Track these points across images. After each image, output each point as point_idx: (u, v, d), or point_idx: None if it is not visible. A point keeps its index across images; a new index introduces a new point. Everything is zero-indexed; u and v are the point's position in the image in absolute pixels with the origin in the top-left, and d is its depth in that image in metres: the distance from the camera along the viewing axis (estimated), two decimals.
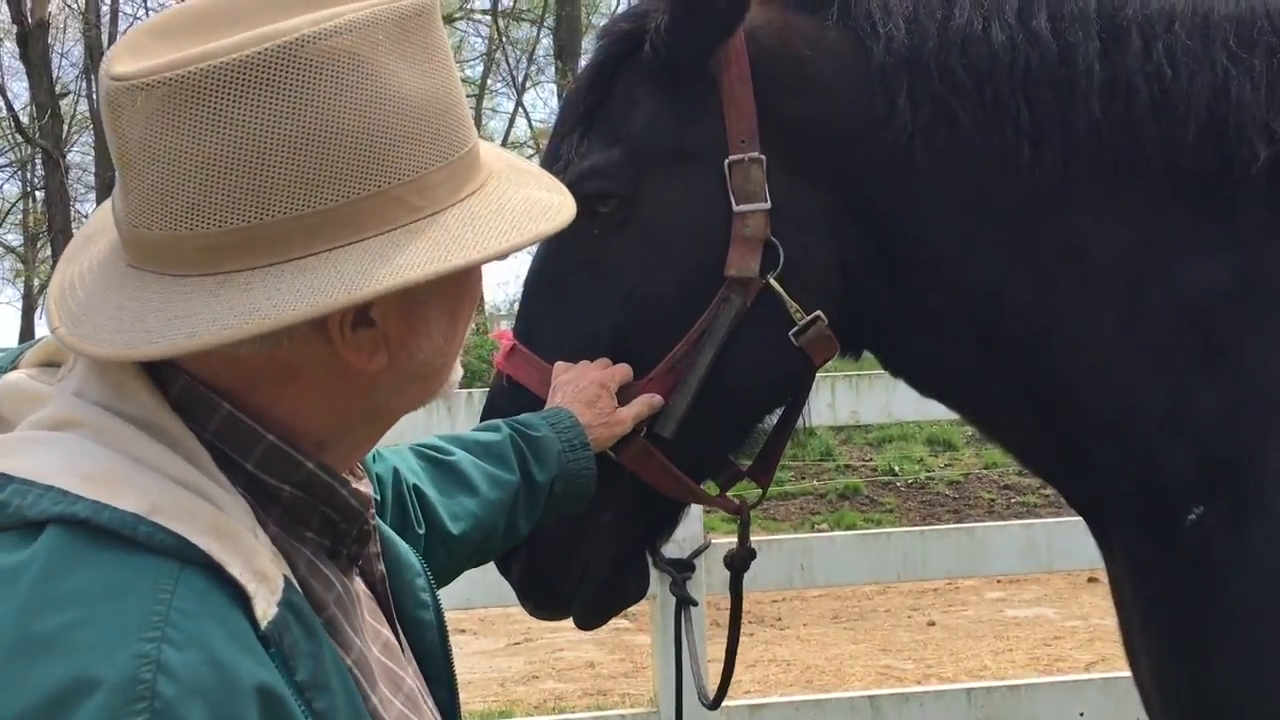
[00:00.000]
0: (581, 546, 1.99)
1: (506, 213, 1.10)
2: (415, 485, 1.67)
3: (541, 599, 2.08)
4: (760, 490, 2.16)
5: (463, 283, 1.13)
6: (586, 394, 1.87)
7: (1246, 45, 1.77)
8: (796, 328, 1.89)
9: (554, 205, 1.15)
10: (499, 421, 1.86)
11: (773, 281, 1.88)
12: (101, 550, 0.92)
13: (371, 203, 1.01)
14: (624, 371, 1.90)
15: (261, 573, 0.98)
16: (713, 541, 3.46)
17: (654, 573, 2.23)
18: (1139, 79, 1.76)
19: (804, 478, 11.71)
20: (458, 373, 1.22)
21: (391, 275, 0.99)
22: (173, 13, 1.04)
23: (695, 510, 3.30)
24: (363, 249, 1.00)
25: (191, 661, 0.89)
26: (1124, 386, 1.82)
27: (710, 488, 2.12)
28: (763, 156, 1.88)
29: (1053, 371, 1.87)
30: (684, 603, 2.35)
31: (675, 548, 3.42)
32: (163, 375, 1.04)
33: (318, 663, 1.01)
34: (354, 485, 1.15)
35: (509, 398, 1.98)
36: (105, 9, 25.44)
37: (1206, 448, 1.76)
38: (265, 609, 0.97)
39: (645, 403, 1.89)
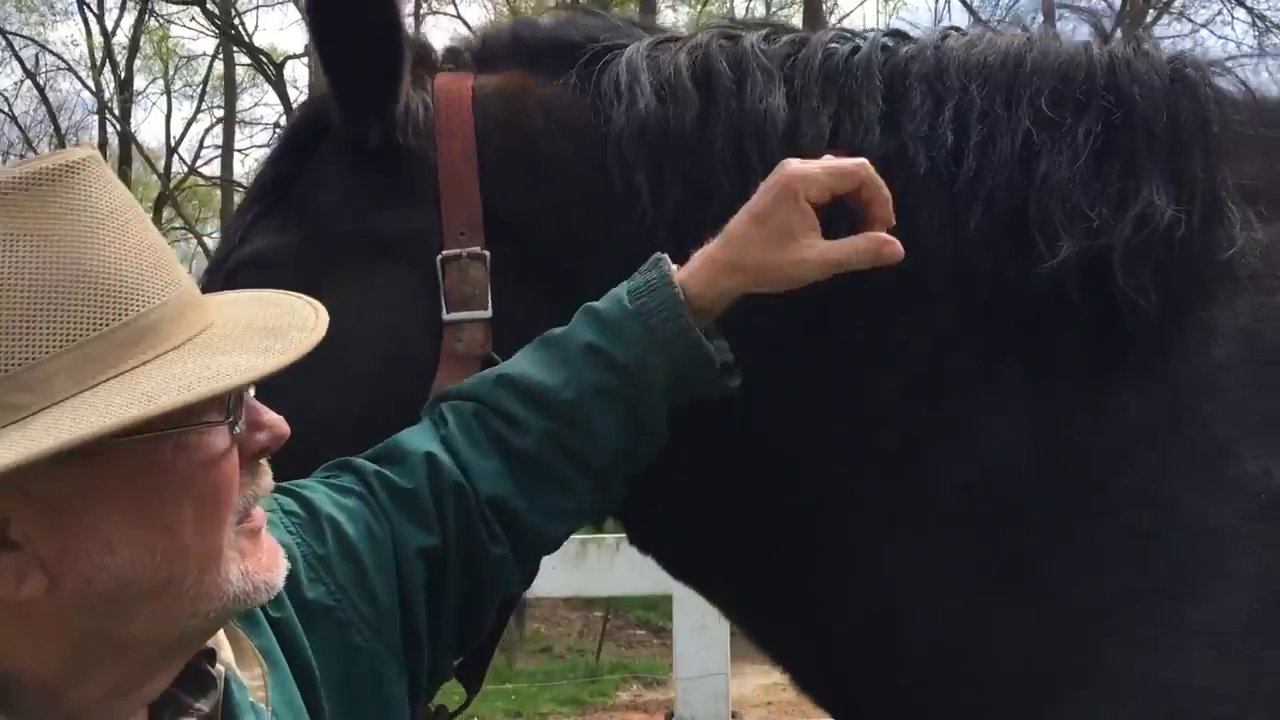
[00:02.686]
0: None
1: (137, 391, 0.94)
2: (492, 497, 1.39)
3: None
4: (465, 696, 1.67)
5: (143, 478, 0.97)
6: (768, 206, 1.37)
7: (1065, 106, 1.40)
8: None
9: (223, 370, 0.98)
10: (579, 359, 1.41)
11: None
12: None
13: None
14: (852, 169, 1.36)
15: None
16: None
17: None
18: (918, 150, 1.40)
19: None
20: (236, 583, 1.03)
21: None
22: None
23: (719, 686, 2.99)
24: None
25: None
26: (894, 597, 1.39)
27: None
28: (486, 253, 1.51)
29: (814, 562, 1.47)
30: None
31: None
32: None
33: None
34: (186, 704, 1.06)
35: None
36: None
37: (990, 713, 1.31)
38: None
39: (872, 251, 1.34)
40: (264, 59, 24.13)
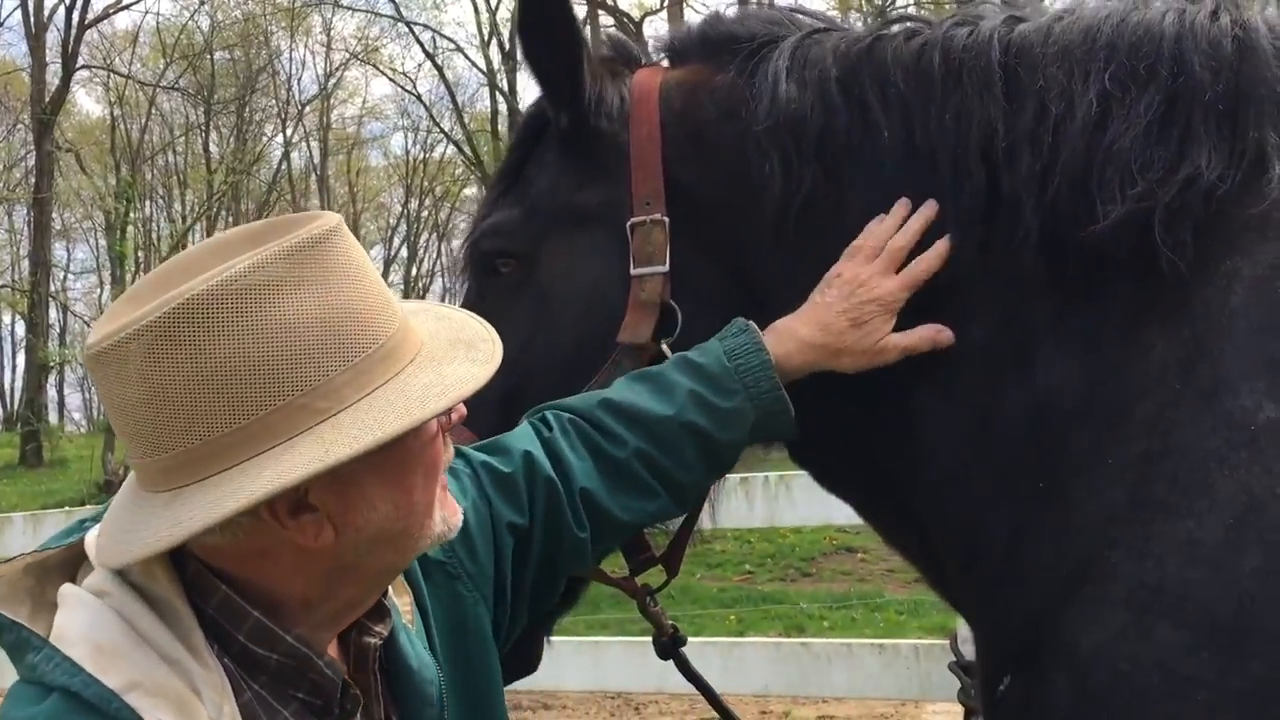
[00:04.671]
0: None
1: (400, 400, 1.27)
2: (584, 489, 1.73)
3: None
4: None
5: (400, 456, 1.31)
6: (854, 307, 1.71)
7: (1131, 78, 1.55)
8: None
9: (459, 379, 1.33)
10: (680, 393, 1.73)
11: (665, 348, 1.82)
12: (85, 717, 1.20)
13: (278, 414, 1.23)
14: (919, 272, 1.69)
15: None
16: None
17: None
18: (1021, 141, 1.59)
19: None
20: (440, 525, 1.40)
21: (270, 481, 1.20)
22: (148, 277, 1.31)
23: None
24: (268, 457, 1.22)
25: None
26: (977, 502, 1.62)
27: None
28: (665, 219, 1.83)
29: (912, 478, 1.71)
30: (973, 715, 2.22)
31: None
32: (180, 559, 1.32)
33: None
34: (369, 628, 1.43)
35: None
36: None
37: (1028, 601, 1.52)
38: None
39: (929, 335, 1.67)
40: (626, 18, 25.17)
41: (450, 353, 1.37)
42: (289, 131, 43.69)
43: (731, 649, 4.08)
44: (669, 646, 2.05)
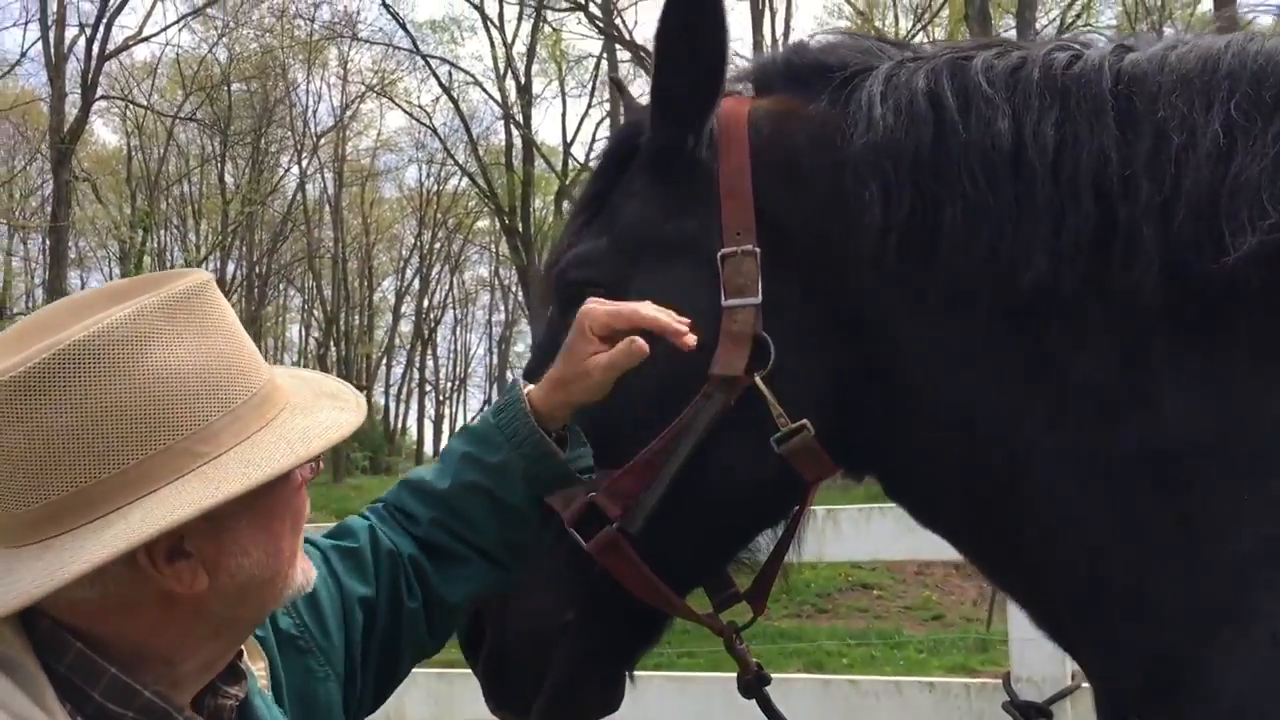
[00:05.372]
0: (545, 645, 1.88)
1: (283, 441, 1.32)
2: (412, 556, 1.83)
3: (503, 697, 1.98)
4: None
5: (269, 504, 1.34)
6: (574, 331, 1.81)
7: (1257, 108, 1.51)
8: (779, 434, 1.77)
9: (334, 424, 1.38)
10: (455, 461, 1.84)
11: (759, 381, 1.77)
12: None
13: (159, 459, 1.24)
14: (628, 312, 1.77)
15: None
16: (1083, 684, 2.98)
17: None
18: (1140, 171, 1.54)
19: None
20: (301, 576, 1.44)
21: (163, 517, 1.21)
22: (5, 334, 1.31)
23: (1055, 649, 2.99)
24: (151, 499, 1.23)
25: None
26: (1094, 544, 1.57)
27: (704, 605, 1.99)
28: (757, 250, 1.79)
29: (1021, 519, 1.66)
30: None
31: (1033, 688, 3.07)
32: (30, 618, 1.27)
33: None
34: (224, 691, 1.42)
35: None
36: None
37: (1155, 642, 1.48)
38: None
39: (624, 352, 1.74)
40: (644, 53, 25.41)
41: (316, 402, 1.42)
42: (304, 163, 44.01)
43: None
44: (754, 685, 2.01)
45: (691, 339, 1.75)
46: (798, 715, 3.97)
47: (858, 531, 3.84)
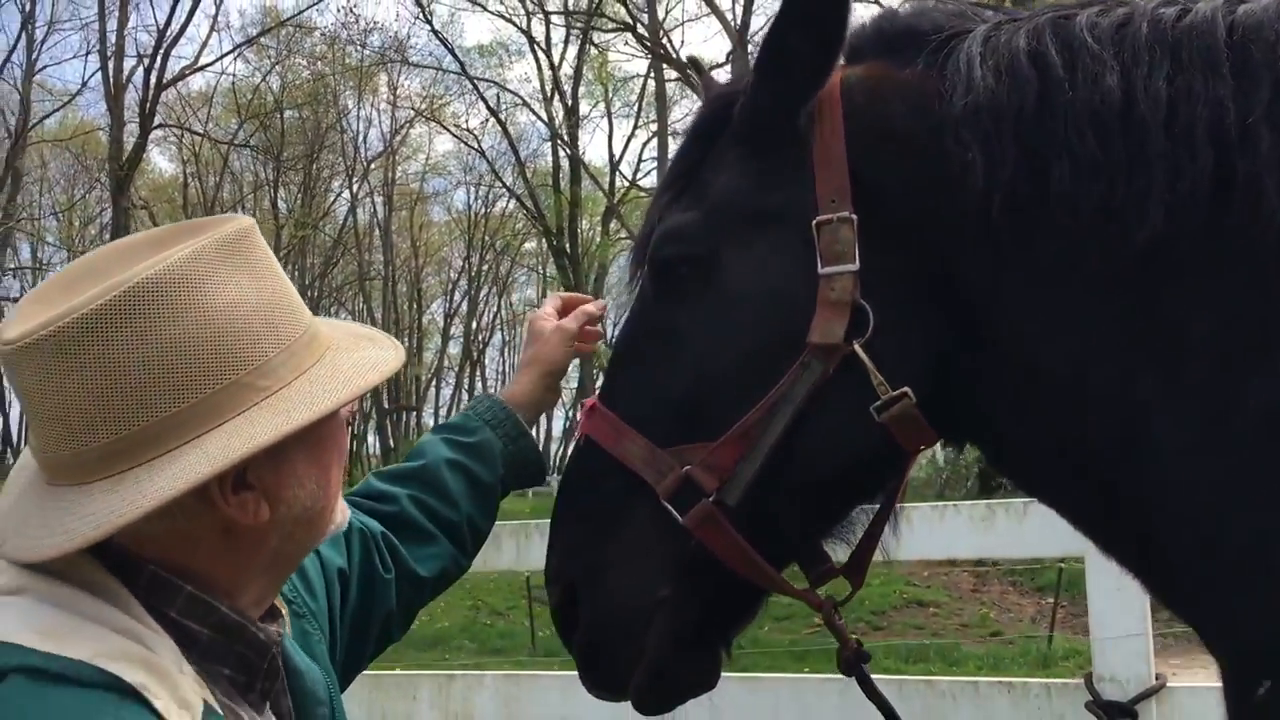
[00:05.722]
0: (640, 623, 1.83)
1: (339, 375, 1.37)
2: (384, 533, 1.94)
3: (598, 677, 1.93)
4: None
5: (320, 437, 1.40)
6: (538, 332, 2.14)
7: None
8: (879, 402, 1.73)
9: (381, 360, 1.44)
10: (433, 445, 2.03)
11: (858, 348, 1.73)
12: (57, 690, 1.17)
13: (224, 393, 1.28)
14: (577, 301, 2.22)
15: (184, 700, 1.24)
16: (1168, 683, 2.88)
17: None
18: (1260, 121, 1.49)
19: None
20: (343, 513, 1.51)
21: (242, 445, 1.26)
22: (48, 281, 1.33)
23: (1139, 647, 2.89)
24: (221, 430, 1.28)
25: None
26: (1215, 504, 1.52)
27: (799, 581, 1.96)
28: (854, 216, 1.76)
29: (1135, 481, 1.60)
30: None
31: (1116, 687, 3.01)
32: (99, 548, 1.28)
33: None
34: (266, 626, 1.44)
35: (584, 456, 1.93)
36: None
37: None
38: None
39: (586, 309, 2.15)
40: (690, 72, 25.47)
41: (356, 344, 1.47)
42: (355, 187, 44.55)
43: (848, 689, 3.96)
44: (853, 661, 1.97)
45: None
46: (872, 716, 3.92)
47: (931, 530, 3.79)
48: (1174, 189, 1.55)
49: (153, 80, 32.66)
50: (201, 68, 36.12)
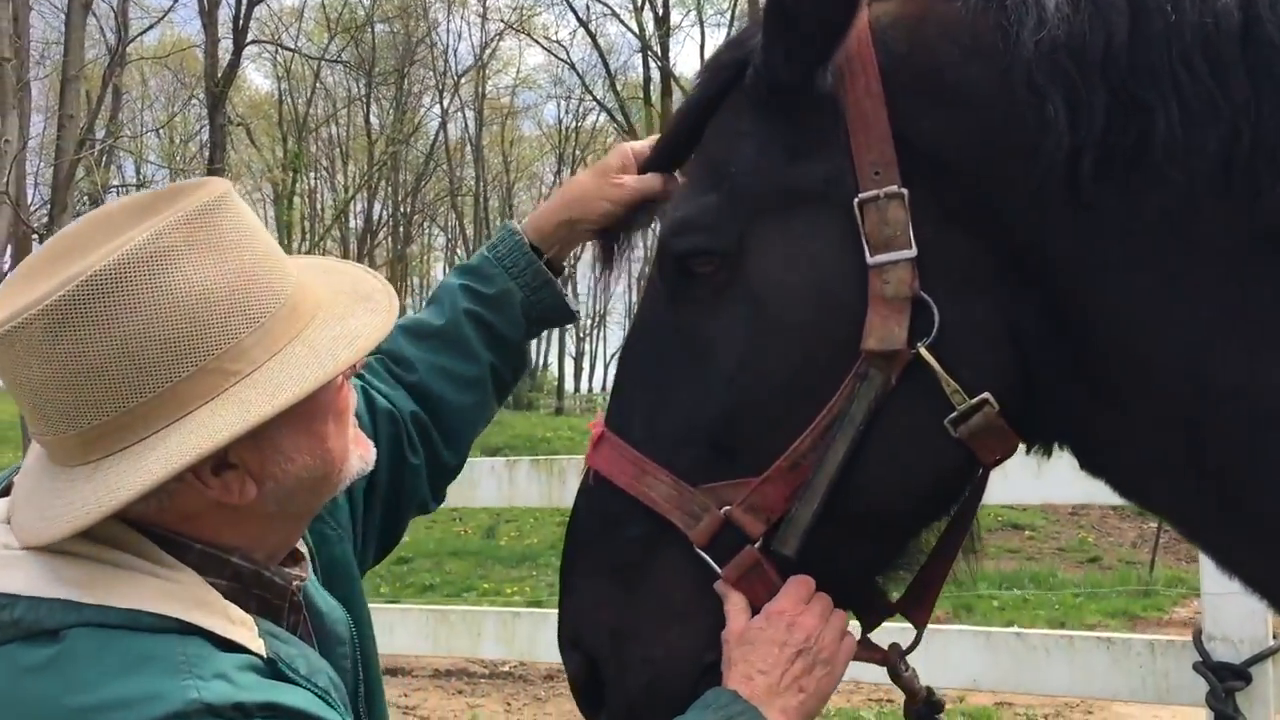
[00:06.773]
0: (684, 699, 1.53)
1: (312, 356, 1.32)
2: (412, 414, 1.90)
3: None
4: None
5: (309, 409, 1.34)
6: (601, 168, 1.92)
7: None
8: (955, 413, 1.46)
9: (360, 331, 1.37)
10: (450, 293, 1.93)
11: (924, 352, 1.45)
12: (122, 640, 1.21)
13: (195, 379, 1.26)
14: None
15: (240, 620, 1.30)
16: None
17: None
18: None
19: None
20: (358, 462, 1.49)
21: (200, 442, 1.24)
22: (43, 248, 1.31)
23: (1255, 605, 2.63)
24: (190, 422, 1.25)
25: (219, 687, 1.20)
26: None
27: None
28: (904, 191, 1.45)
29: (1273, 486, 1.34)
30: None
31: (1228, 648, 2.82)
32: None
33: (308, 659, 1.37)
34: (285, 569, 1.46)
35: (596, 496, 1.63)
36: None
37: None
38: (254, 644, 1.29)
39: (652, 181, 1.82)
40: None
41: (349, 306, 1.41)
42: (446, 102, 44.46)
43: (933, 637, 3.72)
44: (925, 715, 1.71)
45: None
46: (958, 669, 3.69)
47: (1027, 476, 3.51)
48: None
49: None
50: None
